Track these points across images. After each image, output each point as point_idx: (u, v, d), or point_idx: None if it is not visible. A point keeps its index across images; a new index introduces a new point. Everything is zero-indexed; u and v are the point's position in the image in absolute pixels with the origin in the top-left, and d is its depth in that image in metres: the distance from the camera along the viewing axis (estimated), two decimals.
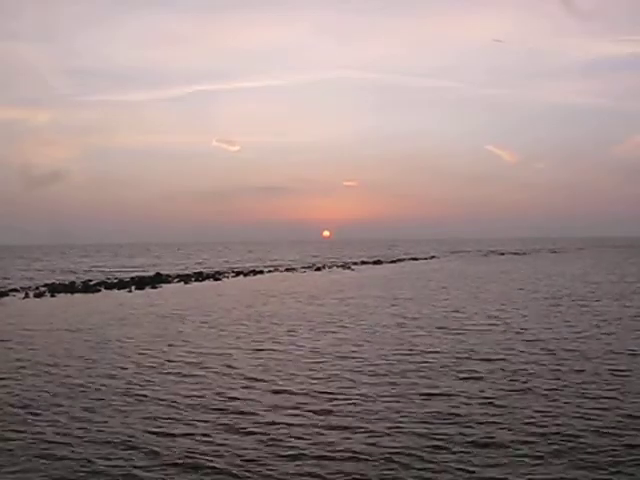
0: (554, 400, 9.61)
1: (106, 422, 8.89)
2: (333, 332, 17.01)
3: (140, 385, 11.07)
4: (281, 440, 7.96)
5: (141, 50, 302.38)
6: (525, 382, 10.82)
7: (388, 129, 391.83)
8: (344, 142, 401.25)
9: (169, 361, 13.21)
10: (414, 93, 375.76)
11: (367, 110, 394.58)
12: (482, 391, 10.23)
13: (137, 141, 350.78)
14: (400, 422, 8.62)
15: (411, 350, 13.95)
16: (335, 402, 9.74)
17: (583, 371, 11.58)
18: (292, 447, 7.70)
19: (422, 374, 11.54)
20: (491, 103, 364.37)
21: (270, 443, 7.88)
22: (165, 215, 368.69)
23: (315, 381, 11.21)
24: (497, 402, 9.53)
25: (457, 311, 20.97)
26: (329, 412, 9.16)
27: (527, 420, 8.59)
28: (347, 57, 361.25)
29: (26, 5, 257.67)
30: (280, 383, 11.06)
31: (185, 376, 11.77)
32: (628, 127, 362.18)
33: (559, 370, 11.67)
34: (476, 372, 11.60)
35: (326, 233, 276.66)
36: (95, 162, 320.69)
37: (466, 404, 9.46)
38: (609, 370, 11.68)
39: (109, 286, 36.99)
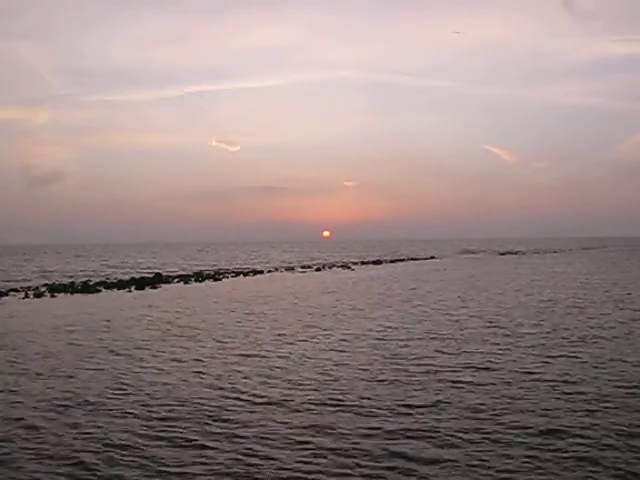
0: (545, 410, 9.25)
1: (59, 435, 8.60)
2: (321, 335, 16.69)
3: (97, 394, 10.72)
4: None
5: (141, 50, 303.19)
6: (515, 392, 10.32)
7: (389, 129, 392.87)
8: (344, 142, 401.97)
9: (148, 367, 12.92)
10: (415, 93, 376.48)
11: (367, 110, 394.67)
12: (466, 401, 9.79)
13: (137, 141, 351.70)
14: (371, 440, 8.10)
15: (397, 357, 13.43)
16: (304, 414, 9.30)
17: (583, 380, 11.14)
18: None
19: (404, 383, 11.06)
20: (491, 103, 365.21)
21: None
22: (165, 215, 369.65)
23: (288, 390, 10.75)
24: (482, 415, 9.07)
25: (451, 314, 20.71)
26: (295, 427, 8.65)
27: (515, 434, 8.19)
28: (347, 57, 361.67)
29: (26, 5, 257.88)
30: (246, 391, 10.68)
31: (153, 383, 11.46)
32: (628, 127, 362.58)
33: (553, 379, 11.27)
34: (462, 381, 11.13)
35: (326, 233, 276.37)
36: (95, 162, 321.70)
37: (450, 417, 8.98)
38: (608, 378, 11.28)
39: (109, 286, 37.11)
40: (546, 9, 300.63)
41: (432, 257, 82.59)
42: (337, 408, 9.59)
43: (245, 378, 11.69)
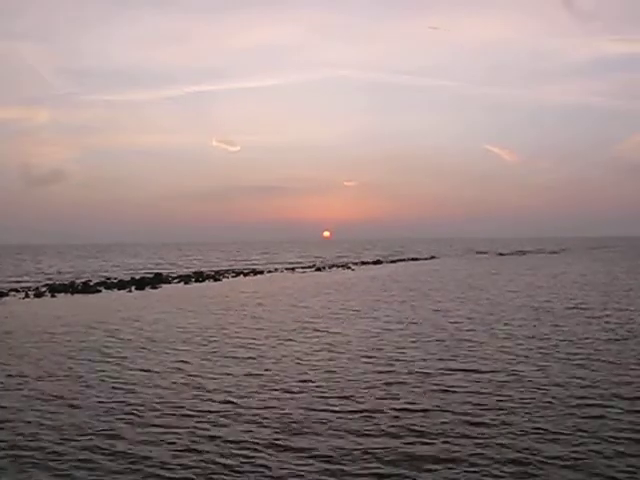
0: (537, 418, 9.09)
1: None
2: (314, 337, 16.58)
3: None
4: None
5: (141, 50, 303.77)
6: (507, 397, 10.14)
7: (389, 129, 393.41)
8: (344, 142, 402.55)
9: (135, 371, 12.78)
10: (415, 93, 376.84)
11: (367, 110, 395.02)
12: (457, 408, 9.60)
13: (137, 141, 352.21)
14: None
15: (389, 361, 13.20)
16: (289, 419, 9.13)
17: (576, 385, 11.00)
18: None
19: (395, 388, 10.92)
20: (492, 102, 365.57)
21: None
22: (165, 215, 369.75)
23: (273, 396, 10.46)
24: (473, 419, 8.97)
25: (447, 315, 20.59)
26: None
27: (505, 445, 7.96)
28: (347, 57, 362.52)
29: (26, 5, 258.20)
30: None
31: (138, 388, 11.27)
32: (628, 126, 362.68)
33: (546, 383, 11.12)
34: (453, 386, 10.97)
35: (326, 233, 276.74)
36: (95, 162, 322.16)
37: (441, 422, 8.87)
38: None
39: (109, 286, 37.17)
40: (546, 9, 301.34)
41: (432, 257, 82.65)
42: (324, 415, 9.36)
43: (233, 383, 11.50)
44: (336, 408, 9.77)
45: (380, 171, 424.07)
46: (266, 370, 12.61)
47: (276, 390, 10.98)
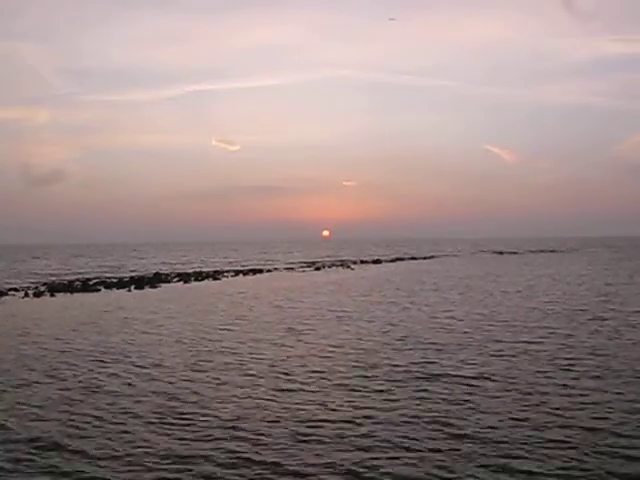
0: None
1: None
2: (300, 341, 16.28)
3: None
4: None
5: (141, 50, 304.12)
6: (481, 404, 9.85)
7: (389, 129, 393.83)
8: (344, 142, 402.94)
9: (118, 375, 12.53)
10: (415, 93, 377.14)
11: (367, 110, 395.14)
12: (433, 414, 9.33)
13: (137, 141, 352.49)
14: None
15: (370, 366, 12.78)
16: (256, 433, 8.60)
17: (558, 392, 10.80)
18: None
19: (367, 395, 10.55)
20: (491, 103, 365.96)
21: None
22: (165, 215, 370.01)
23: (242, 408, 9.88)
24: (447, 428, 8.68)
25: (437, 317, 20.45)
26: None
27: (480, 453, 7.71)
28: (347, 57, 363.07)
29: (26, 5, 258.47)
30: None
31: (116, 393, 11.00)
32: (628, 126, 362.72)
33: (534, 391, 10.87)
34: (431, 391, 10.71)
35: (326, 233, 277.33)
36: (95, 162, 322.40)
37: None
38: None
39: (108, 286, 37.25)
40: (546, 9, 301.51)
41: (432, 257, 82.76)
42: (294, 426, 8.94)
43: (196, 393, 10.96)
44: (314, 419, 9.32)
45: (380, 171, 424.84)
46: (250, 375, 12.27)
47: (242, 400, 10.48)
